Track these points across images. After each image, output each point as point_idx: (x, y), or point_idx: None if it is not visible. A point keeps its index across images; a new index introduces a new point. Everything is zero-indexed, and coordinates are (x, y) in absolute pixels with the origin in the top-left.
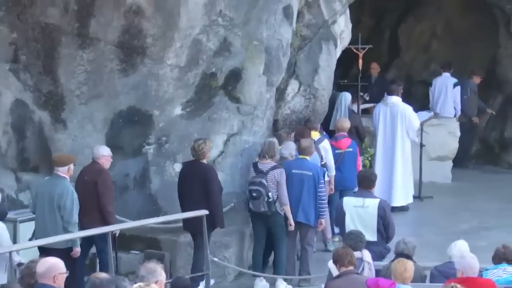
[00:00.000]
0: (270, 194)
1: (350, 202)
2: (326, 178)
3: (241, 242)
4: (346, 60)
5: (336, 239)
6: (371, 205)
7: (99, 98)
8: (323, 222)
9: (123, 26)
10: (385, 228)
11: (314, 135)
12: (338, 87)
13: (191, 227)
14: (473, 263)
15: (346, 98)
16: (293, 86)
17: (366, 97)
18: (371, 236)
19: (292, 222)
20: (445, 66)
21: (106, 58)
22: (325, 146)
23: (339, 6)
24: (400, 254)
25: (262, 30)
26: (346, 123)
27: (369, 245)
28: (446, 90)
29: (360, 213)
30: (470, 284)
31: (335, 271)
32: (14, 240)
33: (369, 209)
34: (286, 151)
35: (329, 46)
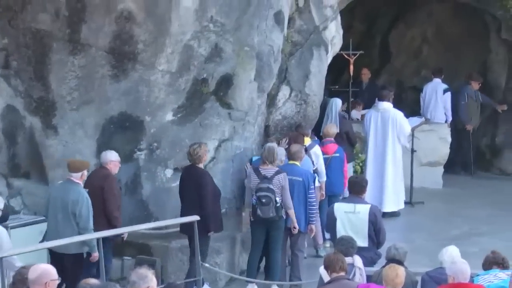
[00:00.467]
0: (277, 199)
1: (341, 208)
2: (317, 184)
3: (232, 248)
4: (337, 66)
5: (327, 245)
6: (362, 210)
7: (90, 104)
8: (314, 228)
9: (114, 32)
10: (376, 233)
11: (305, 141)
12: (330, 93)
13: (189, 231)
14: (464, 269)
15: (337, 104)
16: (284, 92)
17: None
18: (362, 241)
19: (296, 225)
20: (436, 72)
21: (97, 64)
22: (316, 151)
23: (330, 12)
24: (391, 260)
25: (253, 36)
26: (332, 129)
27: (360, 250)
28: (437, 96)
29: (351, 218)
30: None
31: (326, 277)
32: None
33: (360, 214)
34: None
35: (320, 52)
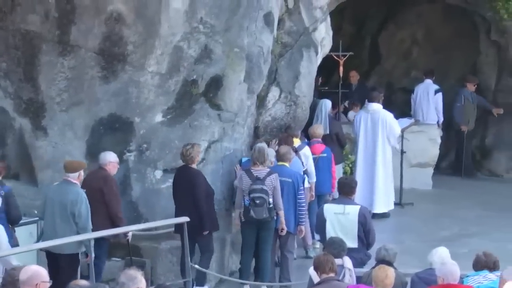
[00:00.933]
0: (270, 200)
1: (330, 209)
2: (307, 185)
3: (222, 249)
4: (327, 67)
5: (317, 245)
6: (352, 211)
7: (80, 105)
8: (303, 229)
9: (104, 33)
10: (365, 234)
11: (295, 142)
12: (319, 94)
13: (182, 231)
14: (454, 270)
15: (326, 105)
16: (274, 93)
17: (346, 104)
18: (352, 242)
19: (285, 227)
20: (427, 73)
21: (87, 65)
22: (305, 152)
23: (320, 14)
24: (381, 261)
25: (243, 37)
26: (319, 129)
27: (350, 251)
28: (428, 97)
29: (340, 219)
30: None
31: (316, 278)
32: None
33: (349, 215)
34: None
35: (310, 53)
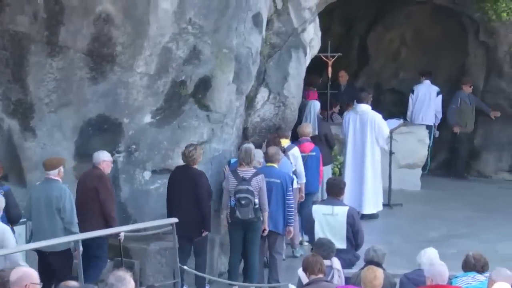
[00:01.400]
0: (256, 201)
1: (319, 210)
2: (296, 185)
3: (211, 250)
4: (315, 68)
5: (305, 244)
6: (340, 212)
7: (69, 106)
8: (292, 230)
9: (93, 34)
10: (354, 235)
11: (285, 143)
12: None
13: (187, 231)
14: (442, 271)
15: (315, 106)
16: (262, 94)
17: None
18: (341, 243)
19: (267, 227)
20: (425, 74)
21: (76, 66)
22: (294, 153)
23: (309, 14)
24: (369, 262)
25: (232, 38)
26: (308, 128)
27: (338, 252)
28: (430, 99)
29: (329, 220)
30: None
31: (305, 279)
32: None
33: (338, 216)
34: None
35: (298, 54)
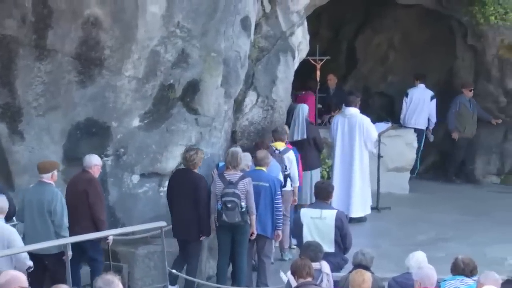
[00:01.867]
0: (243, 204)
1: (307, 214)
2: (290, 188)
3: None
4: (304, 71)
5: (293, 247)
6: (329, 216)
7: (57, 110)
8: (280, 233)
9: (81, 38)
10: (342, 239)
11: (280, 146)
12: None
13: (182, 235)
14: (430, 274)
15: (304, 109)
16: (251, 97)
17: (322, 108)
18: (329, 247)
19: (255, 231)
20: (419, 77)
21: (64, 70)
22: (289, 156)
23: (297, 18)
24: (358, 265)
25: (220, 41)
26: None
27: (327, 256)
28: (423, 103)
29: (317, 224)
30: None
31: (294, 283)
32: None
33: (326, 220)
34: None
35: (287, 58)
